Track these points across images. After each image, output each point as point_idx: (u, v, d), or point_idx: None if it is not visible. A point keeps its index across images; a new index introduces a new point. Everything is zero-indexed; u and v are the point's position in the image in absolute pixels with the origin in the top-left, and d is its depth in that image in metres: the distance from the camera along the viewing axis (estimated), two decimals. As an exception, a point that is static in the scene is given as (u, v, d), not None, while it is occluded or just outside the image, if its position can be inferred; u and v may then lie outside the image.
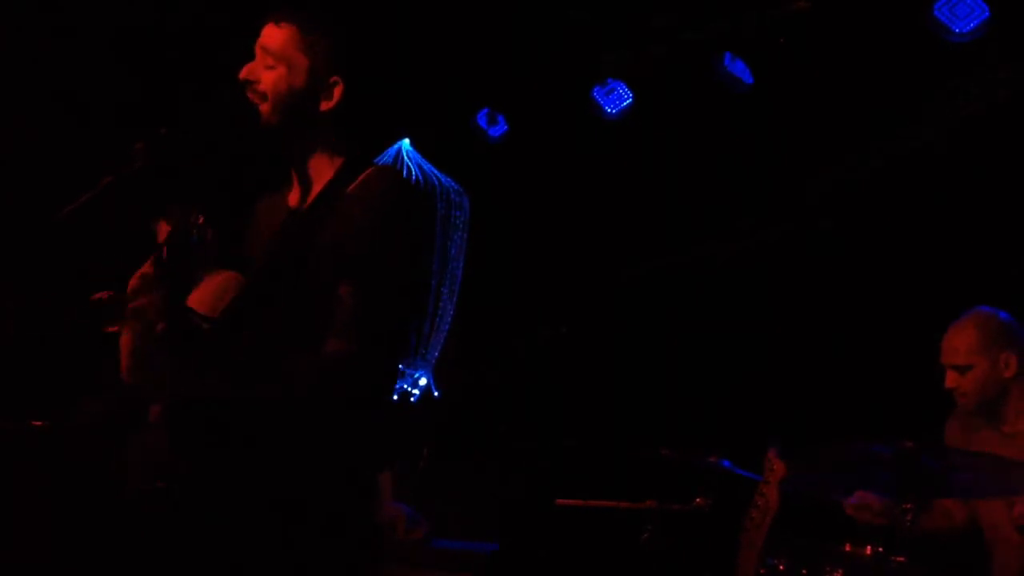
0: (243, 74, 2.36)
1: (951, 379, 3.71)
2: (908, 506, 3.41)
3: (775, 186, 5.37)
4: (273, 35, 2.37)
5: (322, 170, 2.39)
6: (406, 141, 6.08)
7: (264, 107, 2.34)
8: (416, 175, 6.00)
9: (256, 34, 2.40)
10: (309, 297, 2.22)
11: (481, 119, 6.01)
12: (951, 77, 4.73)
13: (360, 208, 2.25)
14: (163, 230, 3.83)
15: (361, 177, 2.31)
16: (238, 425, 2.18)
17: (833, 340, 5.09)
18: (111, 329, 3.19)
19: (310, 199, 2.38)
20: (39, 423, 4.18)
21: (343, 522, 2.21)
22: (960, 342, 3.71)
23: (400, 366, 5.94)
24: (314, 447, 2.18)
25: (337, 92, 2.37)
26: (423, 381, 5.95)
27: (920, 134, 4.92)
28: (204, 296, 3.70)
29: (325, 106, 2.37)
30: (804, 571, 3.60)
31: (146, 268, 3.12)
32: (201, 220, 2.26)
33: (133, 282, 3.15)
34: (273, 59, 2.35)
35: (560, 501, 4.32)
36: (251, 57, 2.39)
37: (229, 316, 2.32)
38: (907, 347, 4.09)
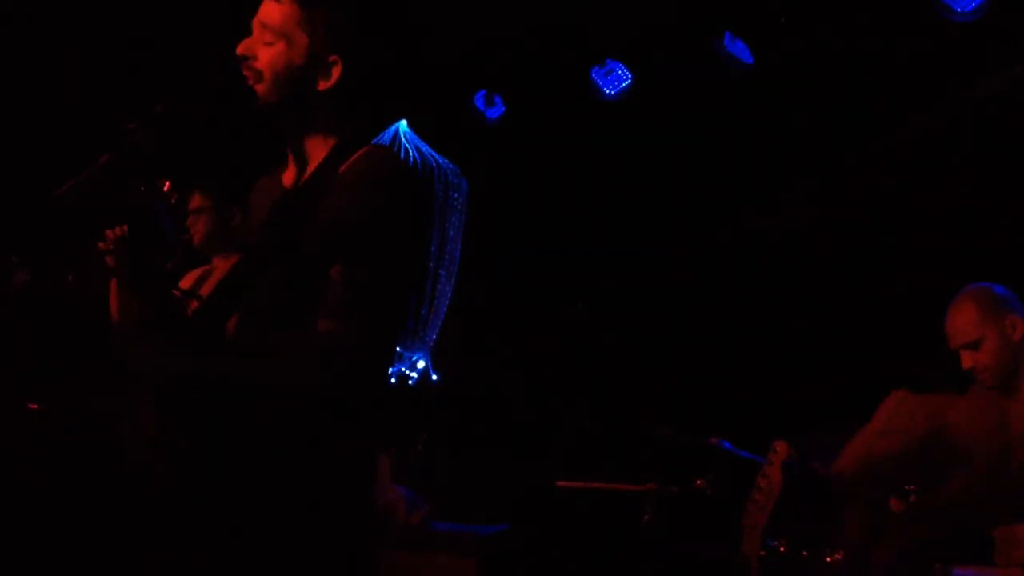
0: (240, 49, 2.31)
1: (967, 360, 3.68)
2: (911, 488, 3.40)
3: (774, 169, 5.37)
4: (273, 10, 2.31)
5: (317, 150, 2.35)
6: (403, 122, 6.06)
7: (260, 86, 2.30)
8: (413, 156, 5.98)
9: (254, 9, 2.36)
10: (300, 278, 2.18)
11: (479, 100, 5.99)
12: (963, 59, 4.73)
13: (353, 189, 2.21)
14: (194, 200, 3.81)
15: (354, 157, 2.28)
16: (226, 408, 2.15)
17: (837, 323, 5.09)
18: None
19: (304, 179, 2.35)
20: (35, 406, 4.16)
21: (337, 507, 2.18)
22: (962, 321, 3.67)
23: (398, 348, 5.96)
24: (302, 430, 2.15)
25: (336, 72, 2.31)
26: (421, 364, 5.95)
27: (930, 118, 4.92)
28: (220, 278, 3.68)
29: (323, 86, 2.31)
30: (805, 553, 3.60)
31: (122, 228, 3.11)
32: (167, 187, 2.23)
33: (108, 238, 3.15)
34: (272, 35, 2.29)
35: (561, 483, 4.31)
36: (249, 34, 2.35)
37: (218, 295, 2.29)
38: (913, 330, 4.07)
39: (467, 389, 6.08)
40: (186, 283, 3.71)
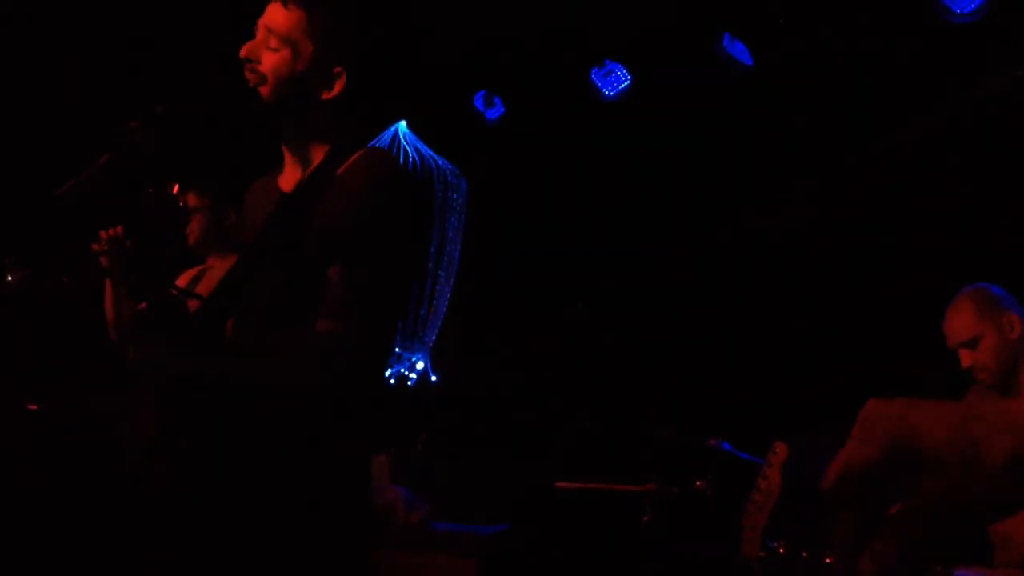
0: (244, 52, 2.31)
1: (966, 358, 3.69)
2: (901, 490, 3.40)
3: (769, 182, 5.37)
4: (281, 16, 2.31)
5: (315, 153, 2.35)
6: (403, 123, 6.06)
7: (262, 88, 2.30)
8: (413, 157, 5.99)
9: (260, 10, 2.36)
10: (299, 278, 2.19)
11: (478, 101, 5.98)
12: (963, 59, 4.73)
13: (352, 191, 2.22)
14: (190, 199, 3.82)
15: (352, 159, 2.28)
16: (226, 407, 2.15)
17: (837, 324, 5.09)
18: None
19: (301, 181, 2.35)
20: (34, 407, 4.16)
21: (336, 507, 2.18)
22: (960, 320, 3.69)
23: (397, 349, 5.95)
24: (301, 429, 2.15)
25: (339, 84, 2.32)
26: (420, 365, 5.95)
27: (930, 118, 4.91)
28: (216, 277, 3.69)
29: (325, 96, 2.32)
30: (804, 555, 3.60)
31: (116, 229, 3.12)
32: (176, 190, 2.23)
33: (102, 238, 3.15)
34: (278, 41, 2.29)
35: (560, 484, 4.31)
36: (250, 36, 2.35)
37: (218, 296, 2.29)
38: (914, 330, 4.07)
39: (467, 390, 6.07)
40: (182, 282, 3.72)
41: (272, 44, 2.29)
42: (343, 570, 2.19)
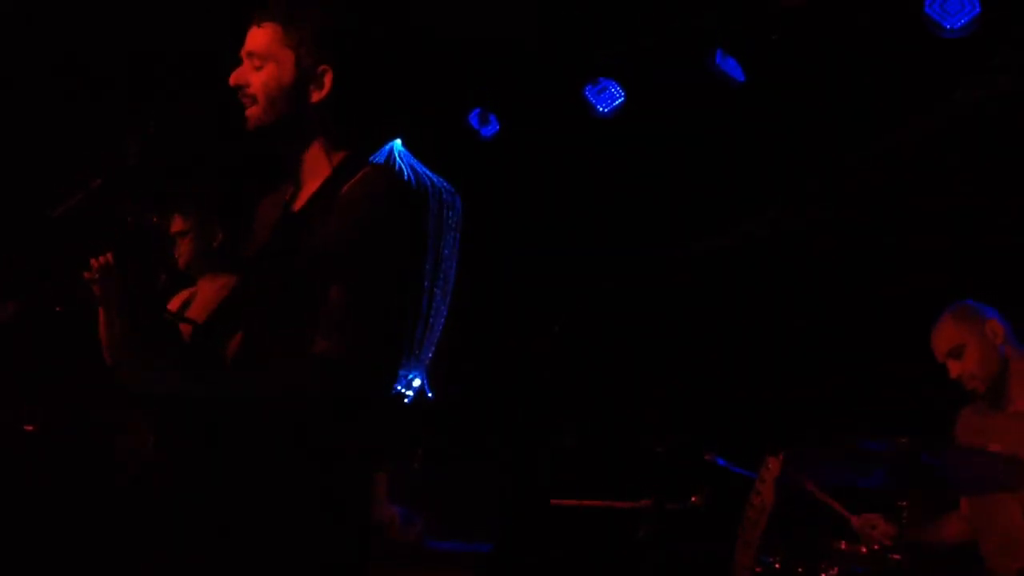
0: (232, 81, 2.34)
1: (954, 368, 3.76)
2: (904, 504, 3.43)
3: (769, 182, 5.35)
4: (256, 36, 2.36)
5: (319, 168, 2.37)
6: (398, 142, 6.03)
7: (255, 109, 2.33)
8: (408, 175, 5.96)
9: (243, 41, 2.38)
10: (300, 298, 2.20)
11: (473, 119, 5.94)
12: (948, 70, 4.71)
13: (352, 209, 2.24)
14: (175, 223, 3.84)
15: (356, 177, 2.29)
16: (223, 426, 2.17)
17: (837, 324, 5.09)
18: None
19: (305, 198, 2.36)
20: (30, 427, 4.17)
21: (337, 523, 2.20)
22: (943, 333, 3.79)
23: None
24: (301, 448, 2.17)
25: (327, 81, 2.35)
26: (417, 382, 5.94)
27: (919, 127, 4.90)
28: (207, 298, 3.72)
29: (316, 96, 2.35)
30: (800, 569, 3.62)
31: (106, 257, 3.14)
32: (156, 219, 2.25)
33: (93, 266, 3.18)
34: (259, 59, 2.34)
35: (555, 501, 4.31)
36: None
37: (217, 316, 2.31)
38: (914, 331, 4.08)
39: (463, 406, 6.07)
40: (174, 305, 3.75)
41: (256, 64, 2.34)
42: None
